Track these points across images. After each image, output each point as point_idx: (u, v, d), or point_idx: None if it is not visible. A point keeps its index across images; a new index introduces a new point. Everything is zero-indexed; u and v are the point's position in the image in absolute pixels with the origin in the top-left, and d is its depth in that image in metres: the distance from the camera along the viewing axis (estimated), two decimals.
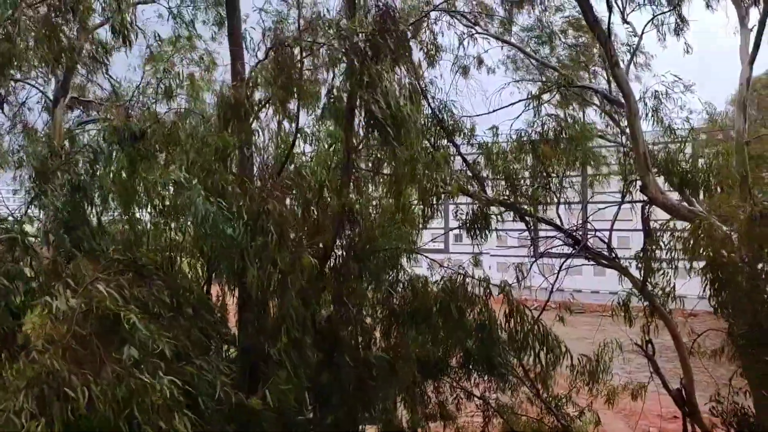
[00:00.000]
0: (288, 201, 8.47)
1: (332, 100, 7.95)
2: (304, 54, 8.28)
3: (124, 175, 7.56)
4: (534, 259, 12.54)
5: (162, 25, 16.22)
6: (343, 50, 7.78)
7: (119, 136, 7.17)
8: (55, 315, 5.28)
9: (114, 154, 7.35)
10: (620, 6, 14.06)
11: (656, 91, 13.60)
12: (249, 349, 8.00)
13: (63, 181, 7.20)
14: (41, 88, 13.46)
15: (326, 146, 9.77)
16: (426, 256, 10.68)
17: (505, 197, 12.30)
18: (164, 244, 8.01)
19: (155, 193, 7.42)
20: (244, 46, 8.91)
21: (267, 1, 9.65)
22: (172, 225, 7.98)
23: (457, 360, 10.86)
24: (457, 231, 11.59)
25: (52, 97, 12.99)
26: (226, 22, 10.14)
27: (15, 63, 7.57)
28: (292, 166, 9.56)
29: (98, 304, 5.42)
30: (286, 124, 9.35)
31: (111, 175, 7.56)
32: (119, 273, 6.39)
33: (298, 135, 8.91)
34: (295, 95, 8.20)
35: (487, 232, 10.57)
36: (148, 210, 8.12)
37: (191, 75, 13.54)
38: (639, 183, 11.28)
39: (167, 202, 7.61)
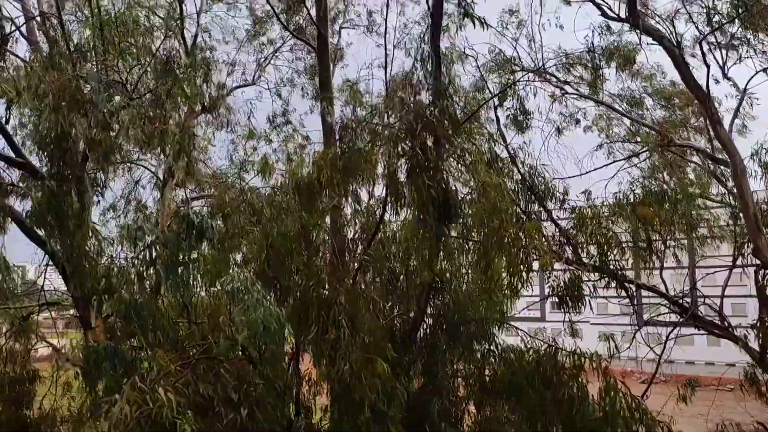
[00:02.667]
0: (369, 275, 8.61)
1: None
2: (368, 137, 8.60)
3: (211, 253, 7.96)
4: (637, 329, 11.83)
5: (261, 101, 17.40)
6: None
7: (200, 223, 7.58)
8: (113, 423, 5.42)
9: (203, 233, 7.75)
10: (719, 62, 13.57)
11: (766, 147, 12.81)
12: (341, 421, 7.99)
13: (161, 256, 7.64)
14: (152, 169, 14.66)
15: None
16: (516, 328, 10.30)
17: (603, 263, 11.79)
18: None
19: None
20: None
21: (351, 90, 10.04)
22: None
23: None
24: (553, 299, 11.13)
25: (162, 177, 14.07)
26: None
27: (116, 149, 8.31)
28: (380, 235, 9.68)
29: (157, 410, 5.57)
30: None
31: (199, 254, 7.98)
32: (191, 366, 6.65)
33: (385, 208, 9.03)
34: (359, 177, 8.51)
35: (580, 303, 10.07)
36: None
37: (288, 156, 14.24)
38: (750, 246, 10.53)
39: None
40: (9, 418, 9.72)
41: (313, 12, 11.78)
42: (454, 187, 8.19)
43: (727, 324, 11.20)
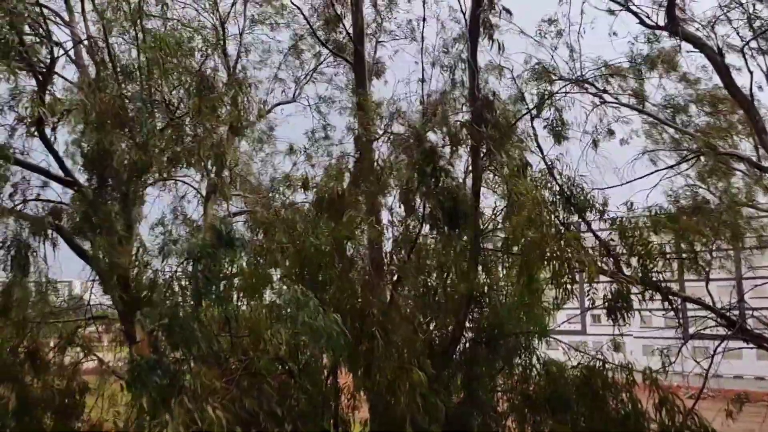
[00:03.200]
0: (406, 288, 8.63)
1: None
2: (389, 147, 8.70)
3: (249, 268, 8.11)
4: (684, 342, 11.52)
5: (305, 117, 17.71)
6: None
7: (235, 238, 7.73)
8: None
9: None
10: (764, 68, 13.23)
11: None
12: None
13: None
14: (195, 185, 15.04)
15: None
16: (559, 341, 10.13)
17: (646, 275, 11.52)
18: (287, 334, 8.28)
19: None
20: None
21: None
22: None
23: None
24: (596, 311, 10.93)
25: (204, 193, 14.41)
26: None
27: (154, 168, 8.62)
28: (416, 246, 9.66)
29: (207, 428, 5.71)
30: None
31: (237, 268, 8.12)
32: (235, 381, 6.77)
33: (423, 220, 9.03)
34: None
35: (628, 315, 9.85)
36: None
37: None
38: None
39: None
40: (60, 430, 9.97)
41: (352, 29, 11.94)
42: (466, 194, 8.17)
43: None
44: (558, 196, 11.94)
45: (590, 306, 10.67)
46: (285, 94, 17.52)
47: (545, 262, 8.85)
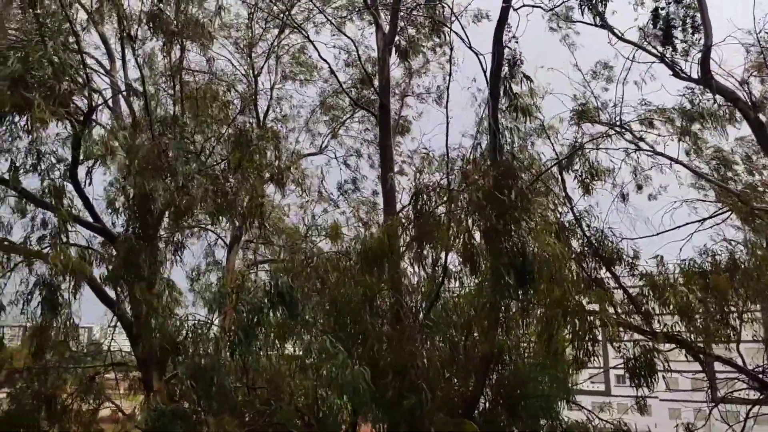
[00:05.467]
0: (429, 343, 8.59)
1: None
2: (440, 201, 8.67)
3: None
4: (713, 405, 11.16)
5: (332, 168, 18.00)
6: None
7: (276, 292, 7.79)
8: None
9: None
10: None
11: None
12: None
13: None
14: (221, 234, 15.28)
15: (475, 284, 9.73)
16: (581, 407, 9.89)
17: (676, 333, 11.22)
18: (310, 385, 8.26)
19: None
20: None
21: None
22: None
23: None
24: (619, 372, 10.64)
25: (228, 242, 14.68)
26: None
27: (190, 214, 8.79)
28: (440, 304, 9.60)
29: None
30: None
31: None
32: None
33: (445, 275, 9.00)
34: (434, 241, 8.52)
35: (652, 381, 9.55)
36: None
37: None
38: None
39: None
40: None
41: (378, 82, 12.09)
42: (531, 255, 8.06)
43: None
44: (586, 248, 11.77)
45: (618, 365, 10.40)
46: (313, 145, 17.96)
47: (568, 321, 8.73)
